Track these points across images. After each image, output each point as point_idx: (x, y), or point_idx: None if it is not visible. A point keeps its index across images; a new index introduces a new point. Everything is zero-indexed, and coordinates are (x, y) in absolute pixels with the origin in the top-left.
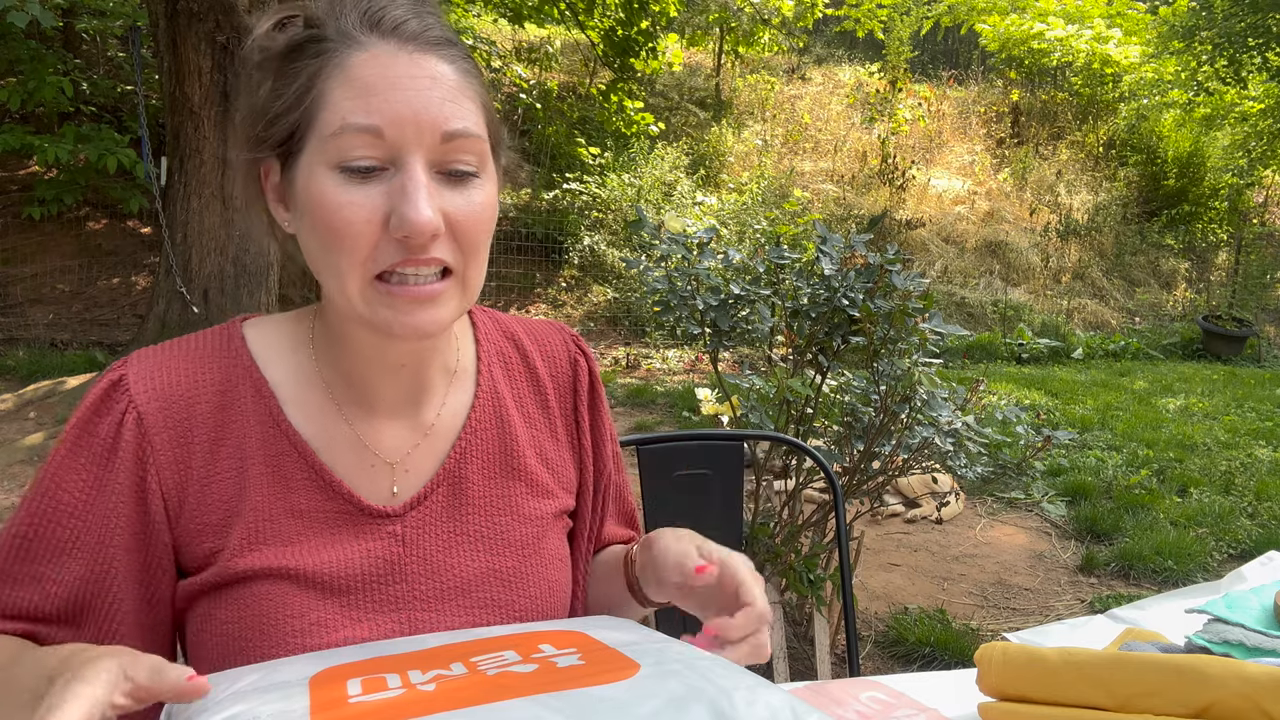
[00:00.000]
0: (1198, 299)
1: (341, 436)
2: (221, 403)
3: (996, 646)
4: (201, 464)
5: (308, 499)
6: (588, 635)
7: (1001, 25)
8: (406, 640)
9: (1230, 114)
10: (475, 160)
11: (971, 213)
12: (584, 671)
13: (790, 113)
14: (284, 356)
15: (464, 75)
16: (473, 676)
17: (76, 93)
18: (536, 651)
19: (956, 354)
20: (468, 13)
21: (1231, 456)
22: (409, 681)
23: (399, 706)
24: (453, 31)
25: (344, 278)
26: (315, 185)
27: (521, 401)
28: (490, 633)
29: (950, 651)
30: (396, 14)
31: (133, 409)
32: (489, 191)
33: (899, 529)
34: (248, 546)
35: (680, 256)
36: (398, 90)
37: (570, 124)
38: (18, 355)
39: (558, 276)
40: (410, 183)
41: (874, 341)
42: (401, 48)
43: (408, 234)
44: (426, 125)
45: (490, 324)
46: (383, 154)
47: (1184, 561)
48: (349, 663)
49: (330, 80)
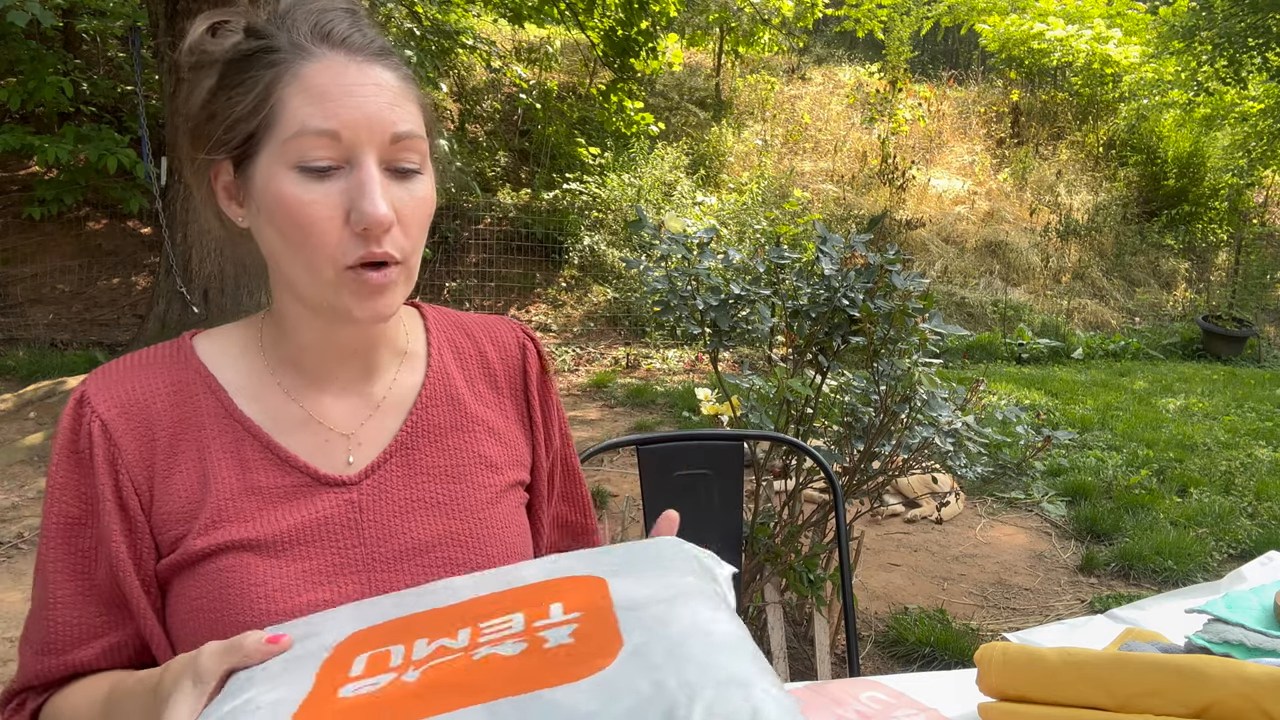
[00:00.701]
0: (1198, 299)
1: (292, 416)
2: (176, 401)
3: (996, 646)
4: (164, 459)
5: (265, 476)
6: (606, 587)
7: (1001, 25)
8: (445, 584)
9: (1230, 114)
10: (418, 158)
11: (971, 213)
12: (564, 655)
13: (790, 113)
14: (233, 359)
15: (405, 81)
16: (461, 659)
17: (76, 93)
18: (540, 618)
19: (956, 354)
20: (468, 13)
21: (1231, 456)
22: (408, 658)
23: (372, 706)
24: (389, 43)
25: (313, 267)
26: (276, 185)
27: (472, 382)
28: (522, 577)
29: (950, 651)
30: (342, 28)
31: (96, 418)
32: (429, 186)
33: (899, 529)
34: (211, 526)
35: (680, 256)
36: (351, 96)
37: (570, 124)
38: (18, 355)
39: (558, 276)
40: (368, 180)
41: (874, 341)
42: (350, 58)
43: (367, 226)
44: (378, 128)
45: (440, 317)
46: (338, 155)
47: (1184, 561)
48: (377, 624)
49: (287, 88)
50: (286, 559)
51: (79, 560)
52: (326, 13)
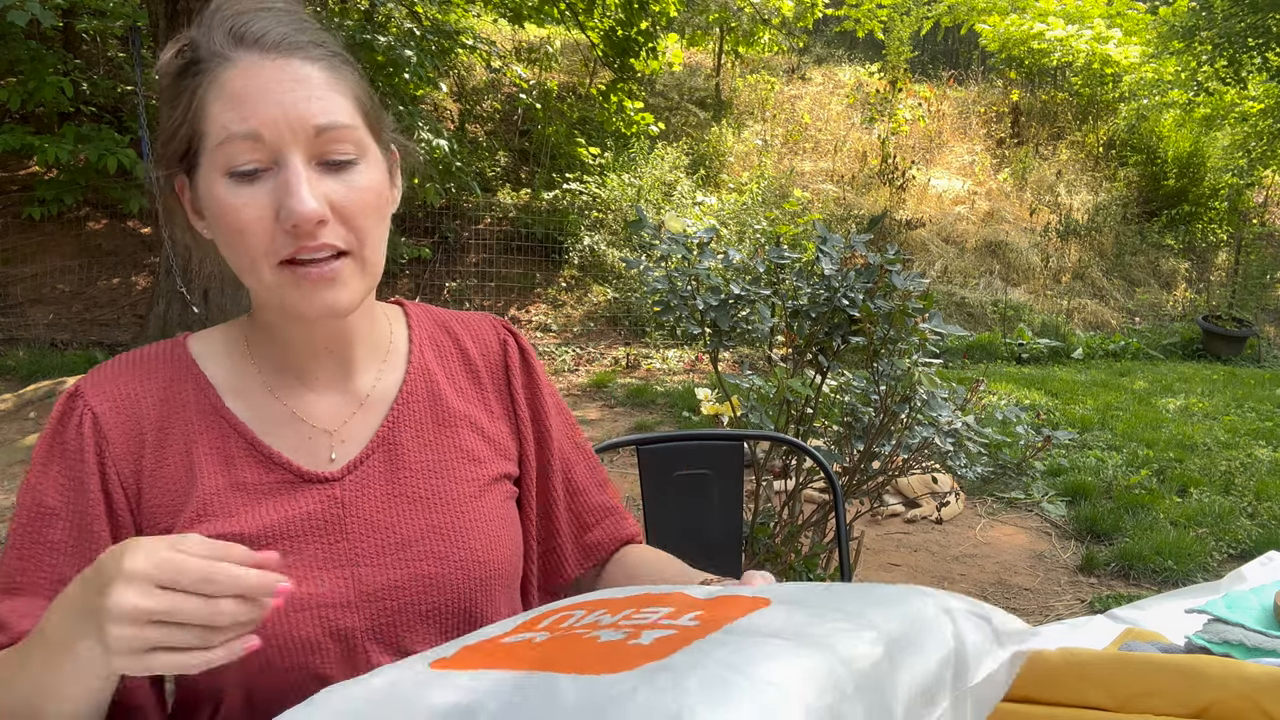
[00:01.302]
0: (1198, 299)
1: (276, 414)
2: (165, 397)
3: None
4: (152, 454)
5: (250, 473)
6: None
7: (1001, 25)
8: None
9: (1230, 114)
10: (353, 148)
11: (971, 213)
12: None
13: (790, 113)
14: (220, 358)
15: (332, 71)
16: (582, 634)
17: (76, 93)
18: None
19: (956, 354)
20: (467, 13)
21: (1231, 456)
22: (555, 625)
23: (499, 652)
24: (325, 35)
25: (254, 270)
26: (212, 193)
27: (453, 377)
28: (690, 592)
29: None
30: (259, 26)
31: (88, 411)
32: (372, 175)
33: (899, 529)
34: (195, 521)
35: (680, 256)
36: (268, 95)
37: (570, 124)
38: (18, 355)
39: (558, 276)
40: (291, 177)
41: (874, 341)
42: (265, 56)
43: (295, 223)
44: (298, 123)
45: (423, 314)
46: (265, 156)
47: (1184, 561)
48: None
49: (209, 96)
50: (268, 545)
51: (41, 552)
52: (242, 15)
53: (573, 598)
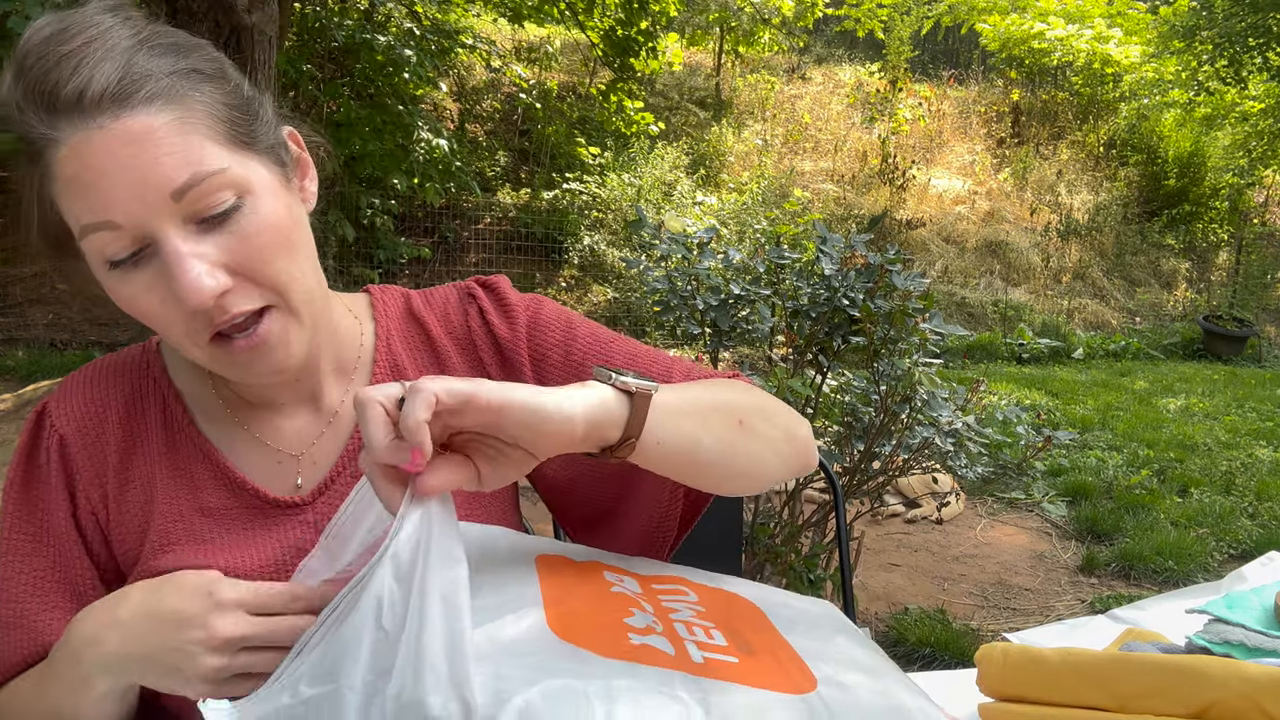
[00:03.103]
0: (1198, 299)
1: (242, 438)
2: (129, 413)
3: (997, 647)
4: (115, 475)
5: (215, 497)
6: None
7: (1002, 25)
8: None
9: (1231, 114)
10: (229, 192)
11: (972, 213)
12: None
13: (790, 113)
14: (191, 368)
15: (177, 105)
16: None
17: None
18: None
19: (957, 354)
20: (467, 13)
21: (1232, 456)
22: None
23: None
24: (148, 57)
25: (185, 350)
26: (105, 284)
27: (424, 370)
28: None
29: (950, 651)
30: (72, 85)
31: (54, 433)
32: (265, 209)
33: (899, 529)
34: (161, 548)
35: (680, 256)
36: (106, 176)
37: (570, 124)
38: (17, 355)
39: (558, 276)
40: (170, 259)
41: (874, 341)
42: (88, 123)
43: (192, 309)
44: (150, 195)
45: (391, 304)
46: (131, 239)
47: (1184, 562)
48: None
49: (50, 188)
50: None
51: (31, 581)
52: (48, 72)
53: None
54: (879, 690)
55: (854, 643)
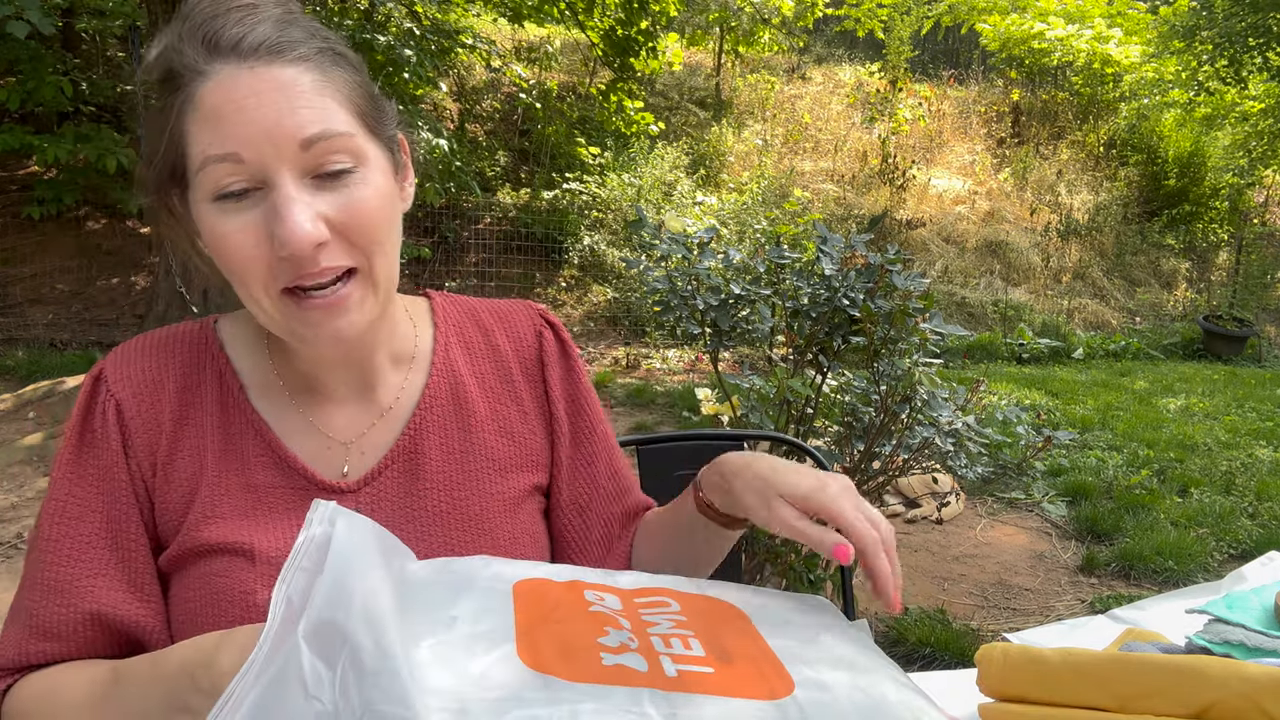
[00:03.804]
0: (1198, 299)
1: (296, 420)
2: (185, 385)
3: (997, 647)
4: (167, 444)
5: (263, 475)
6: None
7: (1002, 25)
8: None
9: (1231, 114)
10: (349, 157)
11: (972, 213)
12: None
13: (790, 112)
14: (247, 349)
15: (320, 72)
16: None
17: (76, 92)
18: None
19: (957, 354)
20: (467, 12)
21: (1232, 456)
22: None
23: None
24: (313, 26)
25: (255, 300)
26: (203, 219)
27: (483, 378)
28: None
29: (950, 652)
30: (235, 31)
31: (111, 398)
32: (374, 182)
33: (899, 529)
34: (204, 520)
35: (680, 256)
36: (245, 111)
37: (570, 124)
38: (17, 355)
39: (558, 276)
40: (281, 200)
41: (874, 341)
42: (242, 64)
43: (290, 252)
44: (281, 138)
45: (451, 307)
46: (250, 177)
47: (1184, 561)
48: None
49: (186, 117)
50: (278, 569)
51: (78, 547)
52: (217, 17)
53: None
54: (861, 687)
55: (841, 639)
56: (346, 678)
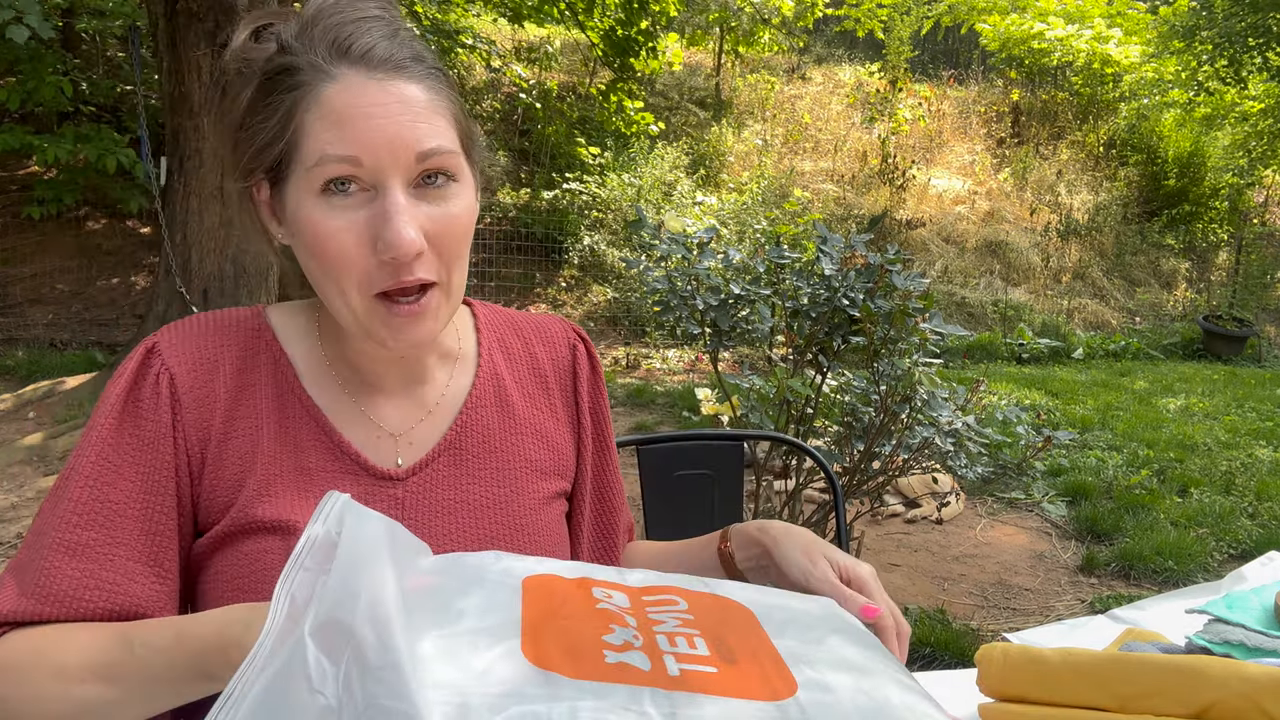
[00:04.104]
0: (1198, 299)
1: (349, 408)
2: (241, 367)
3: (997, 647)
4: (220, 423)
5: (317, 458)
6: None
7: (1001, 25)
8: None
9: (1230, 114)
10: (451, 172)
11: (971, 213)
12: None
13: (790, 113)
14: (299, 338)
15: (433, 92)
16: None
17: (76, 92)
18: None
19: (956, 354)
20: (467, 12)
21: (1232, 456)
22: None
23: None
24: (421, 46)
25: (343, 295)
26: (304, 212)
27: (522, 383)
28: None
29: (950, 651)
30: (364, 41)
31: (165, 370)
32: (466, 198)
33: (899, 529)
34: (257, 499)
35: (680, 256)
36: (370, 119)
37: (570, 124)
38: (17, 355)
39: (558, 276)
40: (391, 207)
41: (874, 341)
42: (370, 75)
43: (393, 256)
44: (400, 149)
45: (492, 315)
46: (362, 180)
47: (1184, 561)
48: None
49: (308, 113)
50: None
51: (105, 512)
52: (348, 25)
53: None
54: (865, 689)
55: (849, 641)
56: (350, 673)
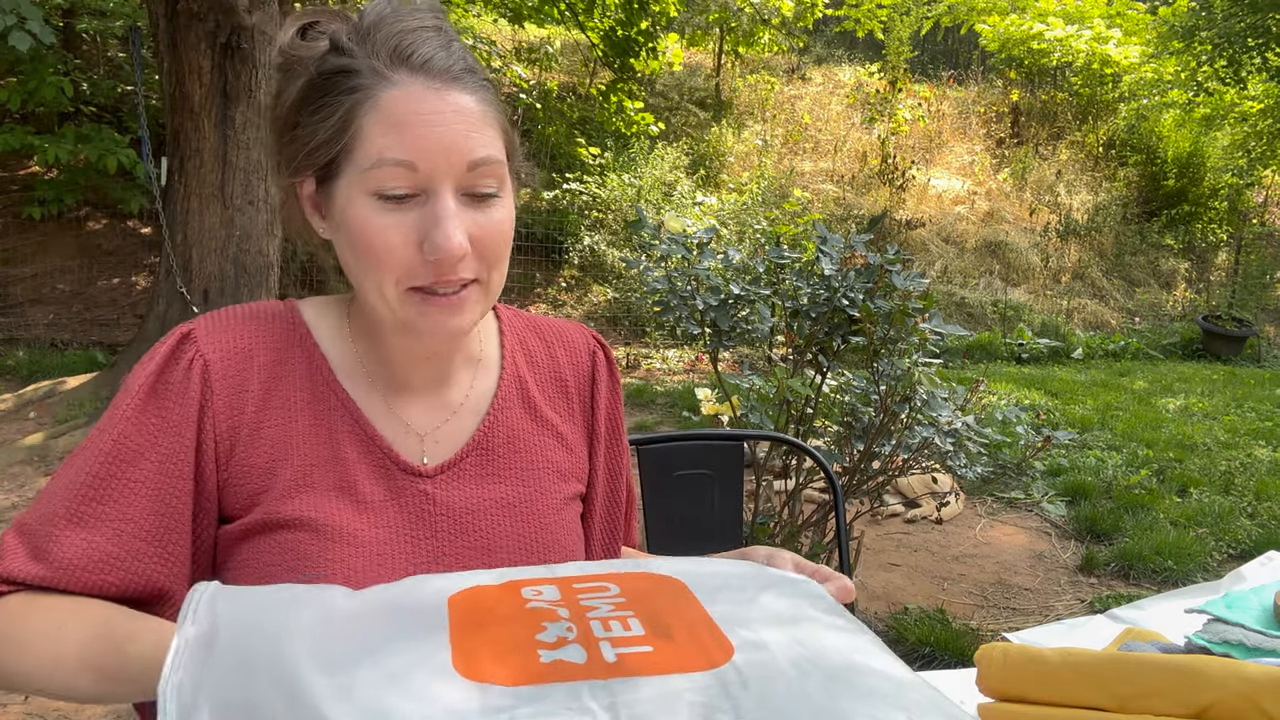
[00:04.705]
0: (1197, 299)
1: (379, 405)
2: (276, 359)
3: (996, 647)
4: (253, 411)
5: (350, 450)
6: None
7: (1001, 25)
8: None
9: (1230, 114)
10: (496, 182)
11: (971, 213)
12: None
13: (790, 113)
14: (331, 334)
15: (484, 104)
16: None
17: (76, 93)
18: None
19: (956, 354)
20: (468, 13)
21: (1231, 456)
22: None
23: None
24: (473, 59)
25: (380, 288)
26: (354, 210)
27: (544, 386)
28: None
29: (950, 651)
30: (424, 50)
31: (200, 357)
32: (508, 206)
33: (899, 529)
34: (293, 491)
35: (680, 256)
36: (428, 126)
37: (570, 124)
38: (18, 355)
39: (558, 276)
40: (442, 211)
41: (874, 341)
42: (429, 84)
43: (440, 258)
44: (455, 157)
45: (514, 318)
46: (415, 184)
47: (1184, 561)
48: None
49: (366, 117)
50: (360, 543)
51: (118, 488)
52: (409, 34)
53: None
54: (799, 639)
55: (779, 596)
56: None
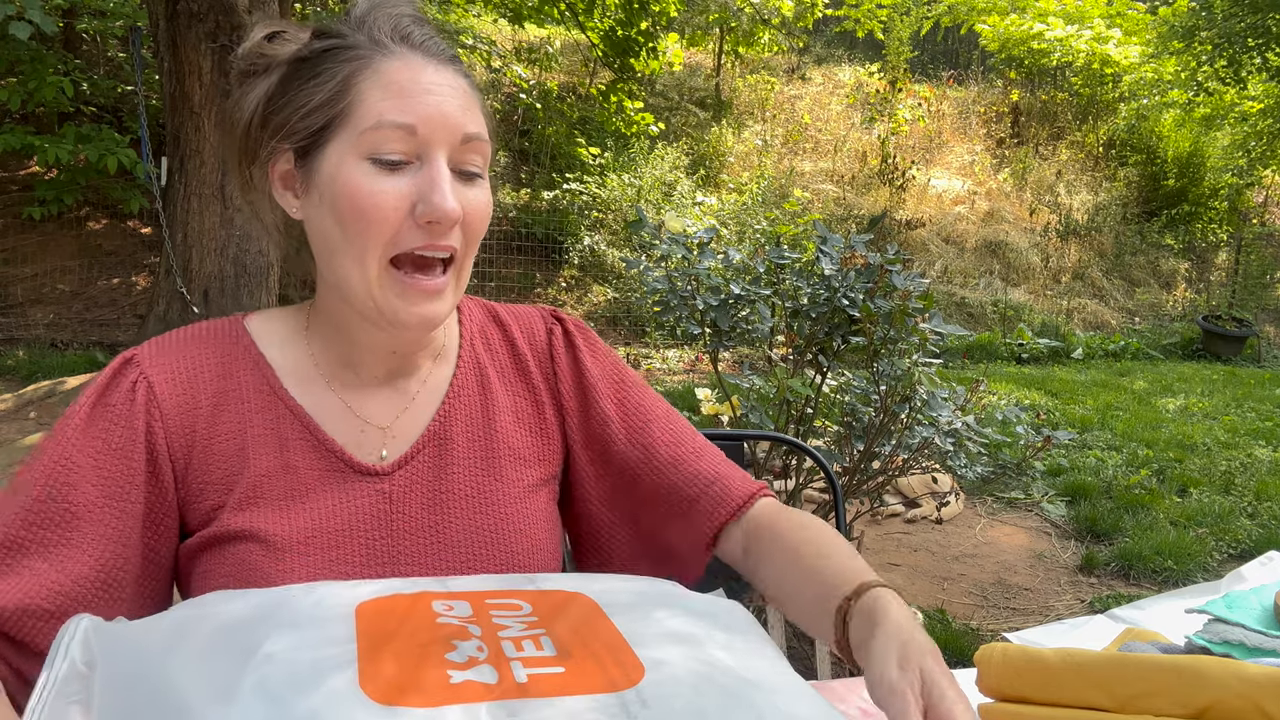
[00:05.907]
0: (1198, 299)
1: (332, 405)
2: (222, 373)
3: (996, 647)
4: (205, 427)
5: (302, 457)
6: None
7: (1001, 25)
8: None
9: (1230, 114)
10: (481, 162)
11: (971, 213)
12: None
13: (790, 113)
14: (281, 341)
15: (473, 89)
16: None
17: (76, 93)
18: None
19: (956, 354)
20: (467, 13)
21: (1231, 456)
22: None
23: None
24: (456, 54)
25: (363, 260)
26: (345, 173)
27: (503, 372)
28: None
29: (950, 651)
30: (422, 33)
31: (143, 378)
32: (488, 192)
33: (899, 529)
34: (244, 503)
35: (680, 256)
36: (429, 94)
37: (570, 124)
38: (18, 355)
39: (558, 276)
40: (438, 175)
41: (874, 341)
42: (428, 60)
43: (435, 219)
44: (453, 126)
45: (474, 307)
46: (411, 149)
47: (1184, 561)
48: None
49: (366, 81)
50: (315, 549)
51: (59, 512)
52: (404, 18)
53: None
54: (701, 658)
55: (674, 612)
56: None
